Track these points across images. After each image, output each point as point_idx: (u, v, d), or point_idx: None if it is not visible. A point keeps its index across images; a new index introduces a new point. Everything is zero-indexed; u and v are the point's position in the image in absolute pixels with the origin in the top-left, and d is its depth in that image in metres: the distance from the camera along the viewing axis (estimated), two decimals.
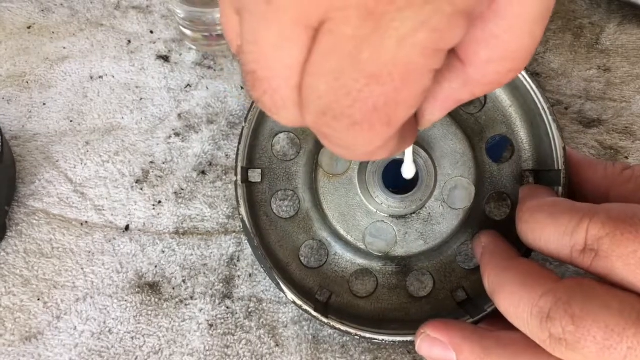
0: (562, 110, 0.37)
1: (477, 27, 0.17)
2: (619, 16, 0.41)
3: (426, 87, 0.16)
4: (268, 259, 0.28)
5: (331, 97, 0.16)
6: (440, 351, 0.25)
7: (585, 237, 0.22)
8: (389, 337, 0.28)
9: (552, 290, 0.22)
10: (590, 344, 0.20)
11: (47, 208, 0.34)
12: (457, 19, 0.15)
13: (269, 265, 0.28)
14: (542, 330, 0.21)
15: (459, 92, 0.19)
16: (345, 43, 0.15)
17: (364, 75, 0.15)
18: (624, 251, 0.21)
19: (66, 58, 0.39)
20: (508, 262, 0.25)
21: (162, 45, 0.40)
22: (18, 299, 0.31)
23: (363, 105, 0.16)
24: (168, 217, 0.34)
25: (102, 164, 0.35)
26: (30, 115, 0.37)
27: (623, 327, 0.20)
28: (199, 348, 0.30)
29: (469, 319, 0.28)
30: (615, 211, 0.22)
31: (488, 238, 0.28)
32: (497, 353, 0.24)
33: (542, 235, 0.24)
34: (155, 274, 0.32)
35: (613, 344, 0.20)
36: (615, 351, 0.20)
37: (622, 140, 0.36)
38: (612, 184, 0.27)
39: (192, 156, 0.35)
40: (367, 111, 0.16)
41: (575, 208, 0.23)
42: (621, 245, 0.21)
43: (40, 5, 0.41)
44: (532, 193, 0.27)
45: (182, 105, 0.37)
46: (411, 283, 0.31)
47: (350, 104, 0.16)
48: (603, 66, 0.39)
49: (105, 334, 0.30)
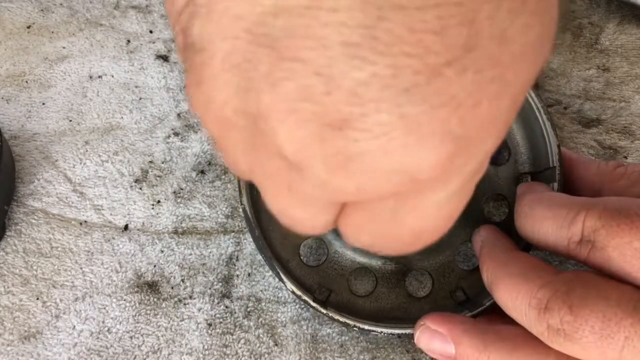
0: (561, 110, 0.37)
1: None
2: (618, 16, 0.41)
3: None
4: (269, 249, 0.28)
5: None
6: (440, 343, 0.25)
7: (582, 229, 0.22)
8: (387, 330, 0.28)
9: (550, 282, 0.22)
10: (589, 333, 0.20)
11: (46, 207, 0.34)
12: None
13: (269, 254, 0.28)
14: (540, 322, 0.21)
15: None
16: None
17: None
18: (620, 242, 0.21)
19: (65, 58, 0.39)
20: (507, 255, 0.25)
21: (162, 44, 0.40)
22: (17, 298, 0.31)
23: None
24: (167, 216, 0.34)
25: (101, 163, 0.35)
26: (29, 114, 0.37)
27: (620, 317, 0.20)
28: (197, 347, 0.30)
29: (467, 313, 0.28)
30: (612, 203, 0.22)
31: (488, 232, 0.28)
32: (496, 346, 0.24)
33: (541, 228, 0.24)
34: (154, 273, 0.32)
35: (611, 334, 0.20)
36: (612, 341, 0.20)
37: (621, 139, 0.36)
38: (604, 180, 0.27)
39: (191, 156, 0.35)
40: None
41: (573, 201, 0.23)
42: (617, 236, 0.21)
43: (39, 5, 0.41)
44: (530, 189, 0.27)
45: (182, 105, 0.37)
46: (410, 283, 0.31)
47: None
48: (602, 66, 0.39)
49: (104, 333, 0.30)
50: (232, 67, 0.14)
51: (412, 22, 0.12)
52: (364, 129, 0.13)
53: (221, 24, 0.13)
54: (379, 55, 0.12)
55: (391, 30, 0.12)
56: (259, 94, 0.14)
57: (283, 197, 0.17)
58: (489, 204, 0.32)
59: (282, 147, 0.14)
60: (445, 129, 0.13)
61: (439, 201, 0.16)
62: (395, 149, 0.13)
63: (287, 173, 0.15)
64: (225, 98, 0.14)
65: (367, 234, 0.18)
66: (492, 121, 0.14)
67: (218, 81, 0.14)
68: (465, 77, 0.13)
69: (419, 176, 0.14)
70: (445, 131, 0.13)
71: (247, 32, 0.13)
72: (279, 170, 0.15)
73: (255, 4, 0.13)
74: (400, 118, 0.13)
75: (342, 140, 0.14)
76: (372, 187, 0.15)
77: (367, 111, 0.13)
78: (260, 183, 0.17)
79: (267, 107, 0.14)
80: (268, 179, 0.17)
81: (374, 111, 0.13)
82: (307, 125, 0.14)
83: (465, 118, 0.13)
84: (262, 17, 0.13)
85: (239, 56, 0.14)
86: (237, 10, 0.13)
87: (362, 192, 0.15)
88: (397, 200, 0.16)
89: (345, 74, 0.13)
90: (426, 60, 0.12)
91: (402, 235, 0.17)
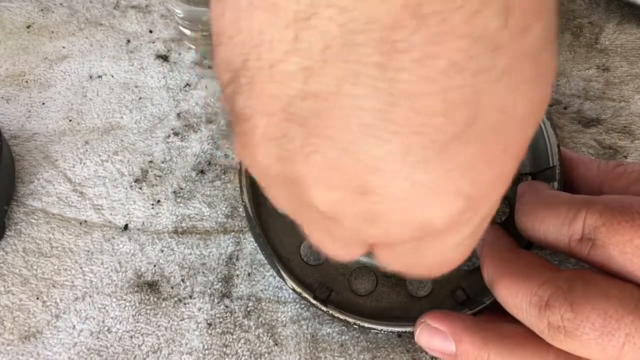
0: (561, 109, 0.37)
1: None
2: (618, 16, 0.41)
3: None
4: (269, 247, 0.28)
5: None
6: (440, 341, 0.25)
7: (582, 227, 0.22)
8: (387, 327, 0.28)
9: (551, 279, 0.22)
10: (589, 330, 0.20)
11: (46, 207, 0.34)
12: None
13: (270, 252, 0.28)
14: (541, 319, 0.21)
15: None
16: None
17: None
18: (620, 239, 0.21)
19: (65, 57, 0.39)
20: (508, 253, 0.25)
21: (162, 44, 0.40)
22: (17, 298, 0.31)
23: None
24: (167, 216, 0.34)
25: (101, 163, 0.35)
26: (29, 114, 0.37)
27: (621, 314, 0.20)
28: (197, 347, 0.30)
29: (468, 311, 0.28)
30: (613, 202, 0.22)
31: (489, 231, 0.28)
32: (497, 344, 0.24)
33: (542, 226, 0.24)
34: (154, 273, 0.32)
35: (612, 331, 0.20)
36: (613, 338, 0.20)
37: (621, 139, 0.36)
38: (604, 179, 0.27)
39: (191, 155, 0.35)
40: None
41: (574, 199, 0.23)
42: (617, 234, 0.21)
43: (39, 5, 0.41)
44: (531, 188, 0.27)
45: (181, 105, 0.37)
46: (410, 282, 0.31)
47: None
48: (602, 66, 0.39)
49: (104, 333, 0.30)
50: (271, 140, 0.16)
51: (420, 107, 0.14)
52: (383, 195, 0.15)
53: (260, 101, 0.15)
54: (393, 134, 0.14)
55: (402, 114, 0.14)
56: (294, 164, 0.16)
57: (322, 237, 0.19)
58: None
59: (317, 205, 0.17)
60: (453, 191, 0.15)
61: (454, 243, 0.18)
62: (412, 208, 0.16)
63: (324, 221, 0.17)
64: (268, 163, 0.17)
65: (395, 264, 0.20)
66: (497, 179, 0.16)
67: (261, 149, 0.16)
68: (469, 148, 0.15)
69: (434, 228, 0.16)
70: (453, 192, 0.15)
71: (282, 111, 0.15)
72: (317, 218, 0.18)
73: (287, 87, 0.15)
74: (413, 185, 0.15)
75: (367, 204, 0.16)
76: (395, 235, 0.17)
77: (385, 180, 0.15)
78: (303, 224, 0.20)
79: (301, 174, 0.16)
80: (309, 224, 0.19)
81: (391, 180, 0.15)
82: (336, 190, 0.16)
83: (472, 181, 0.15)
84: (292, 100, 0.15)
85: (276, 130, 0.16)
86: (273, 92, 0.15)
87: (388, 238, 0.17)
88: (418, 242, 0.18)
89: (364, 150, 0.15)
90: (433, 137, 0.14)
91: (423, 267, 0.20)
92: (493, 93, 0.14)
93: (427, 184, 0.15)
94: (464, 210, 0.16)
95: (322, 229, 0.19)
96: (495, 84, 0.14)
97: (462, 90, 0.14)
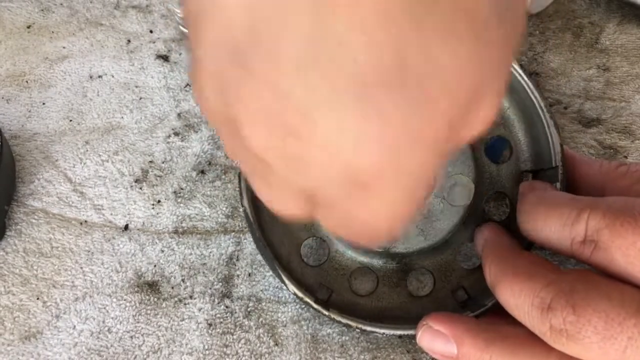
0: (562, 109, 0.37)
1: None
2: (618, 15, 0.41)
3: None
4: (270, 250, 0.28)
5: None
6: (442, 344, 0.25)
7: (585, 228, 0.22)
8: (389, 331, 0.28)
9: (554, 281, 0.22)
10: (591, 333, 0.20)
11: (47, 207, 0.34)
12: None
13: (270, 255, 0.28)
14: (543, 322, 0.21)
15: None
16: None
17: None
18: (623, 242, 0.21)
19: (66, 57, 0.39)
20: (510, 254, 0.25)
21: (162, 44, 0.40)
22: (17, 298, 0.31)
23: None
24: (167, 216, 0.34)
25: (101, 163, 0.35)
26: (29, 114, 0.37)
27: (624, 317, 0.20)
28: (198, 347, 0.30)
29: (470, 313, 0.28)
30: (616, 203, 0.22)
31: (490, 230, 0.28)
32: (498, 346, 0.23)
33: (544, 227, 0.24)
34: (154, 273, 0.32)
35: (614, 334, 0.20)
36: (615, 341, 0.20)
37: (622, 139, 0.36)
38: (607, 179, 0.27)
39: (192, 155, 0.35)
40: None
41: (576, 200, 0.23)
42: (620, 236, 0.21)
43: (39, 5, 0.41)
44: (533, 188, 0.27)
45: (182, 105, 0.37)
46: (411, 282, 0.31)
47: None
48: (602, 65, 0.39)
49: (104, 333, 0.30)
50: (214, 77, 0.16)
51: (347, 49, 0.14)
52: (310, 138, 0.15)
53: (207, 39, 0.16)
54: (320, 77, 0.14)
55: (329, 56, 0.14)
56: (232, 103, 0.16)
57: (260, 185, 0.19)
58: (489, 203, 0.32)
59: (251, 147, 0.17)
60: (376, 137, 0.15)
61: (384, 202, 0.18)
62: (337, 154, 0.16)
63: (260, 166, 0.17)
64: (213, 101, 0.17)
65: (331, 224, 0.20)
66: (426, 137, 0.16)
67: (207, 85, 0.17)
68: (394, 95, 0.14)
69: (360, 179, 0.16)
70: (375, 139, 0.15)
71: (225, 49, 0.15)
72: (254, 163, 0.18)
73: (230, 24, 0.15)
74: (338, 129, 0.15)
75: (295, 147, 0.16)
76: (324, 185, 0.17)
77: (312, 124, 0.15)
78: (246, 172, 0.20)
79: (238, 113, 0.16)
80: (249, 170, 0.19)
81: (317, 124, 0.15)
82: (266, 131, 0.16)
83: (396, 130, 0.15)
84: (234, 37, 0.15)
85: (218, 67, 0.16)
86: (218, 29, 0.15)
87: (317, 188, 0.17)
88: (350, 200, 0.17)
89: (293, 92, 0.15)
90: (359, 80, 0.14)
91: (357, 228, 0.19)
92: (420, 39, 0.14)
93: (351, 128, 0.15)
94: (388, 160, 0.16)
95: (260, 176, 0.19)
96: (424, 32, 0.14)
97: (388, 32, 0.14)
